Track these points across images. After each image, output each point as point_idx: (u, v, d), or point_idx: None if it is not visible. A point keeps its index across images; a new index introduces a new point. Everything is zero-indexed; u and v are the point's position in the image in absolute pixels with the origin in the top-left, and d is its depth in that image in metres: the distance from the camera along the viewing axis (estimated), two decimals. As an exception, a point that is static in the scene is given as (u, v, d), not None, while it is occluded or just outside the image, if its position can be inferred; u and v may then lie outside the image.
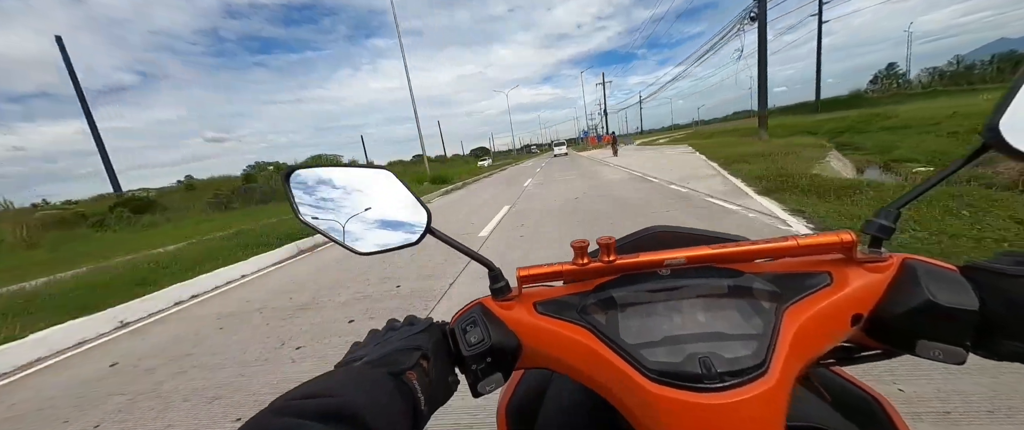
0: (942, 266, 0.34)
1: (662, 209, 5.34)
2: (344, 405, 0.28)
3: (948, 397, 1.38)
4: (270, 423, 0.26)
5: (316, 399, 0.28)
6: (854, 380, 0.49)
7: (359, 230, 0.44)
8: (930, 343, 0.32)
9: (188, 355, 2.82)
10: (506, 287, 0.41)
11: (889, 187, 5.24)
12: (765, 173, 6.69)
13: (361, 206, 0.44)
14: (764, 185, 5.85)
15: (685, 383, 0.29)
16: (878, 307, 0.34)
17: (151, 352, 3.01)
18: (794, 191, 5.16)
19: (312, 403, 0.28)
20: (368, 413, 0.28)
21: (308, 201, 0.44)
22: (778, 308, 0.33)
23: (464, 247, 0.42)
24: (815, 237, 0.36)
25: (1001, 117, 0.30)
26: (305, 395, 0.29)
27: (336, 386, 0.30)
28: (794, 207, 4.43)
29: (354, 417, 0.27)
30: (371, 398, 0.30)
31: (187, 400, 2.18)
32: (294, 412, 0.27)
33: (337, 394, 0.29)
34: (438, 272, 3.74)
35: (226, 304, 4.02)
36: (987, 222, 3.07)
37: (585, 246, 0.39)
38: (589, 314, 0.36)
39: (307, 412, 0.27)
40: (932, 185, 0.34)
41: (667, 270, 0.38)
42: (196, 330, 3.36)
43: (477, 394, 0.38)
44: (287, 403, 0.28)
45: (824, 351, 0.35)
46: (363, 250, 0.44)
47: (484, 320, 0.38)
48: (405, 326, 0.41)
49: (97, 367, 2.90)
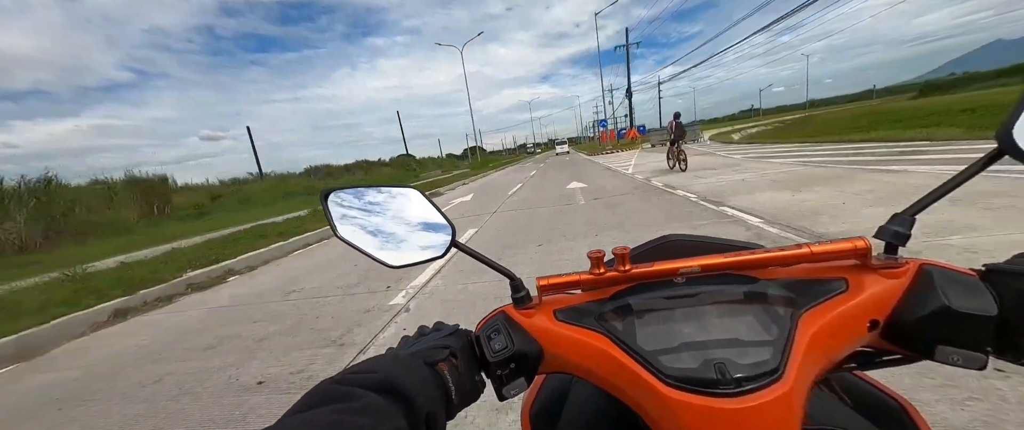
0: (960, 271, 0.33)
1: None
2: (393, 380, 0.32)
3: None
4: (332, 389, 0.31)
5: (366, 374, 0.33)
6: (878, 384, 0.48)
7: (390, 245, 0.46)
8: (949, 348, 0.32)
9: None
10: (527, 296, 0.42)
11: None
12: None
13: (391, 222, 0.47)
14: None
15: (702, 388, 0.29)
16: (895, 313, 0.34)
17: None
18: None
19: (367, 377, 0.32)
20: (411, 390, 0.32)
21: (344, 219, 0.46)
22: (793, 314, 0.33)
23: (487, 259, 0.45)
24: (829, 244, 0.36)
25: (1015, 123, 0.30)
26: (357, 371, 0.33)
27: (383, 366, 0.34)
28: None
29: (402, 392, 0.31)
30: (412, 378, 0.33)
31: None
32: (352, 383, 0.31)
33: (383, 372, 0.33)
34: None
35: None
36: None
37: (601, 256, 0.40)
38: (607, 321, 0.37)
39: (364, 384, 0.31)
40: (946, 191, 0.34)
41: (682, 278, 0.39)
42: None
43: (502, 397, 0.40)
44: (345, 376, 0.33)
45: (841, 356, 0.35)
46: (394, 264, 0.46)
47: (507, 328, 0.40)
48: (433, 331, 0.44)
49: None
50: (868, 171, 6.33)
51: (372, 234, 0.46)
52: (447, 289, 3.37)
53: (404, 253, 0.46)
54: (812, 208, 4.34)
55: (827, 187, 5.37)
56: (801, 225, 3.77)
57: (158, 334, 3.51)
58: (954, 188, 0.34)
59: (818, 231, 3.56)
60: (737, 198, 5.46)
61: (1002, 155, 0.31)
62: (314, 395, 0.30)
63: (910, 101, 29.35)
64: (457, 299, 3.11)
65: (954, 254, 2.60)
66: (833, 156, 9.18)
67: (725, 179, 7.47)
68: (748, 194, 5.65)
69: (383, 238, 0.46)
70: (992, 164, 0.32)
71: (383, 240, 0.46)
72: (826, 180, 5.91)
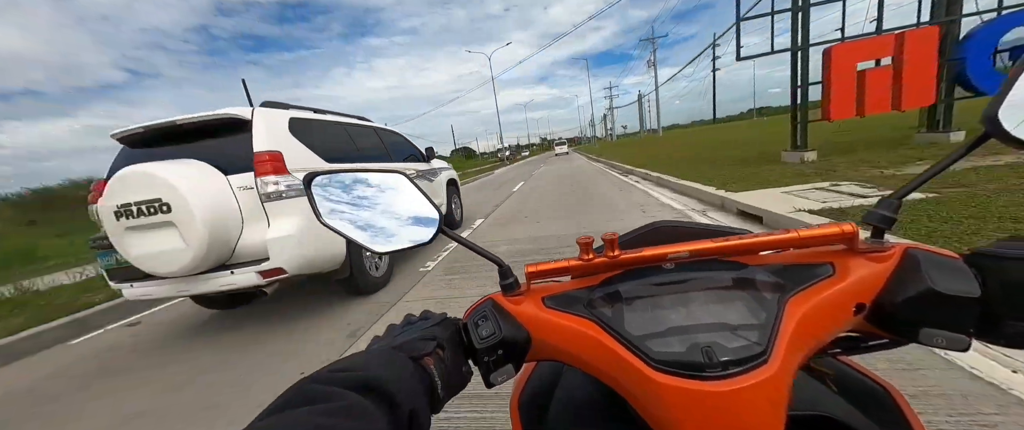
0: (944, 254, 0.34)
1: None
2: (373, 379, 0.31)
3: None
4: (310, 389, 0.29)
5: (348, 372, 0.31)
6: (863, 369, 0.49)
7: (375, 230, 0.45)
8: (933, 331, 0.32)
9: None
10: (515, 283, 0.42)
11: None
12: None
13: (377, 206, 0.46)
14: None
15: (689, 372, 0.30)
16: (881, 296, 0.34)
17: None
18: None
19: (345, 376, 0.31)
20: (394, 387, 0.31)
21: (328, 204, 0.45)
22: (780, 298, 0.33)
23: (474, 245, 0.45)
24: (817, 229, 0.36)
25: (1000, 106, 0.31)
26: (337, 369, 0.32)
27: (364, 363, 0.33)
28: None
29: (382, 390, 0.30)
30: (396, 375, 0.32)
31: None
32: (331, 382, 0.30)
33: (366, 370, 0.32)
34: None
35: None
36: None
37: (590, 242, 0.40)
38: (595, 307, 0.37)
39: (344, 383, 0.30)
40: (933, 174, 0.34)
41: (671, 264, 0.39)
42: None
43: (490, 385, 0.40)
44: (324, 375, 0.31)
45: (828, 340, 0.35)
46: (380, 249, 0.45)
47: (495, 314, 0.40)
48: (420, 320, 0.43)
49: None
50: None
51: (357, 219, 0.45)
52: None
53: (390, 238, 0.46)
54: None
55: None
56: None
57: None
58: (941, 171, 0.34)
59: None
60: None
61: (988, 138, 0.32)
62: (290, 395, 0.29)
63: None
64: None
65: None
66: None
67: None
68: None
69: (368, 223, 0.46)
70: (978, 146, 0.32)
71: (368, 224, 0.46)
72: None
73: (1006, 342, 0.32)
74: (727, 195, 4.60)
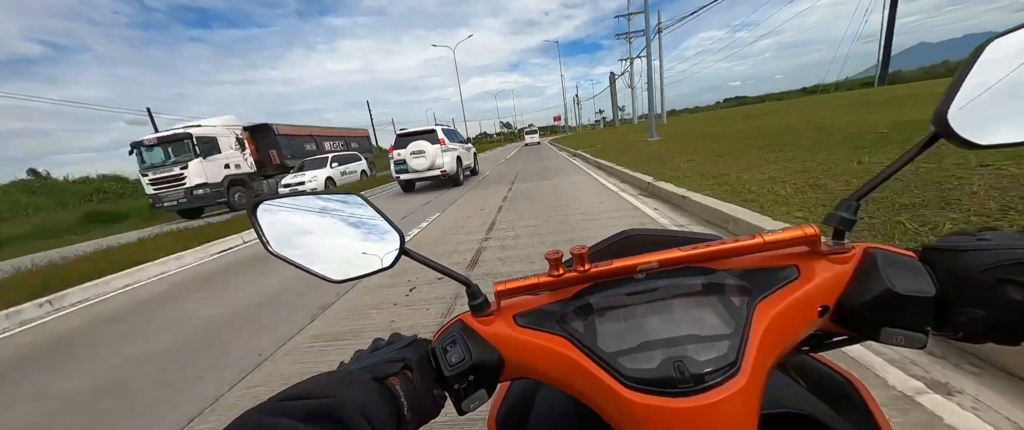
0: (901, 253, 0.34)
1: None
2: (328, 405, 0.29)
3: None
4: (257, 421, 0.27)
5: (301, 400, 0.29)
6: (829, 363, 0.51)
7: (331, 257, 0.43)
8: (892, 330, 0.33)
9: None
10: (485, 302, 0.41)
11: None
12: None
13: (332, 233, 0.43)
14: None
15: (660, 389, 0.29)
16: (843, 297, 0.35)
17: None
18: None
19: (297, 404, 0.29)
20: (350, 413, 0.29)
21: (276, 232, 0.43)
22: (750, 303, 0.34)
23: (439, 265, 0.42)
24: (780, 233, 0.37)
25: (949, 107, 0.31)
26: (290, 396, 0.30)
27: (320, 388, 0.31)
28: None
29: (338, 417, 0.28)
30: (353, 398, 0.31)
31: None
32: (280, 412, 0.28)
33: (321, 395, 0.30)
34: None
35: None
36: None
37: (560, 257, 0.39)
38: (568, 323, 0.37)
39: (293, 412, 0.28)
40: (887, 176, 0.35)
41: (642, 274, 0.39)
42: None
43: (462, 412, 0.38)
44: (272, 404, 0.29)
45: (795, 343, 0.36)
46: (336, 277, 0.43)
47: (464, 337, 0.38)
48: (388, 344, 0.42)
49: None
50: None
51: (310, 247, 0.43)
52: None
53: (347, 266, 0.43)
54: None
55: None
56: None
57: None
58: (895, 173, 0.34)
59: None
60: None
61: (938, 139, 0.32)
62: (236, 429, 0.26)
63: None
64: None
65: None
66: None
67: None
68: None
69: (323, 251, 0.43)
70: (930, 148, 0.32)
71: (323, 253, 0.43)
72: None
73: (963, 336, 0.33)
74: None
